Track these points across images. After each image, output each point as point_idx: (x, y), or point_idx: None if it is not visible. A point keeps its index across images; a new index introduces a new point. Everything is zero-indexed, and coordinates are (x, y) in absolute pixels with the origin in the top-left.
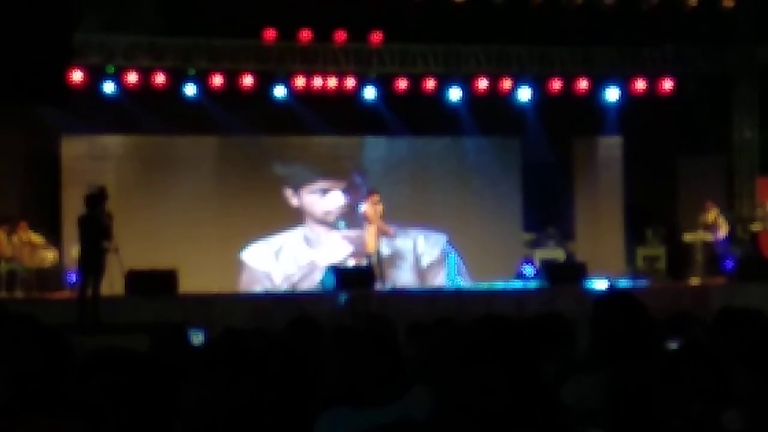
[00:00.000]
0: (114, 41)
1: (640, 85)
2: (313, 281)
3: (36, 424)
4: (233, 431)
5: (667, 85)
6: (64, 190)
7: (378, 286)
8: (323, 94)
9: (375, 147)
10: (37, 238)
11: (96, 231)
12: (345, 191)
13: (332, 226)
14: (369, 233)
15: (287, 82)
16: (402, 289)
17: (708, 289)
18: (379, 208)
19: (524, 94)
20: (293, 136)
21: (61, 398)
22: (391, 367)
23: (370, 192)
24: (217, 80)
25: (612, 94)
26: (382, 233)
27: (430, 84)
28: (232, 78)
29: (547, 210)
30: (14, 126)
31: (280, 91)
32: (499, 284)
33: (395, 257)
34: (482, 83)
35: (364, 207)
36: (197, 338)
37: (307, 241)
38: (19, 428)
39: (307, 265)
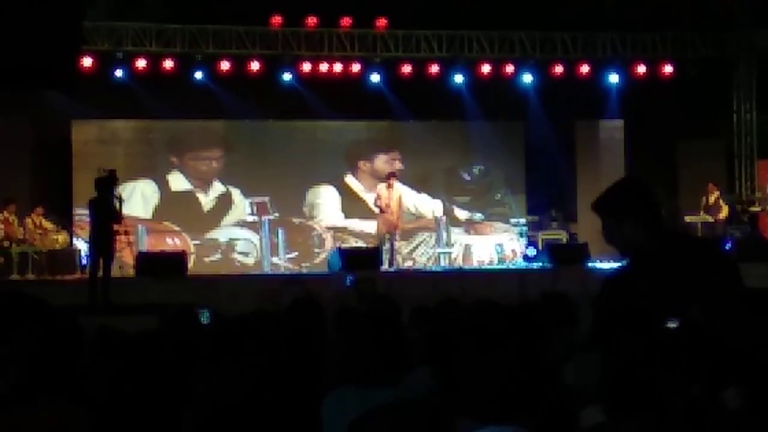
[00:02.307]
0: (123, 28)
1: (641, 69)
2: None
3: (47, 408)
4: (242, 412)
5: (668, 69)
6: (75, 173)
7: (384, 268)
8: (329, 79)
9: (380, 131)
10: (48, 224)
11: (106, 214)
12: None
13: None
14: (381, 215)
15: (294, 67)
16: (407, 270)
17: None
18: (396, 192)
19: (527, 78)
20: (300, 120)
21: (73, 379)
22: (396, 348)
23: (389, 175)
24: (225, 65)
25: (613, 78)
26: (391, 222)
27: (434, 69)
28: (239, 63)
29: (549, 192)
30: (25, 111)
31: (286, 76)
32: (503, 265)
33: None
34: (485, 68)
35: (379, 188)
36: (204, 318)
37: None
38: (29, 413)
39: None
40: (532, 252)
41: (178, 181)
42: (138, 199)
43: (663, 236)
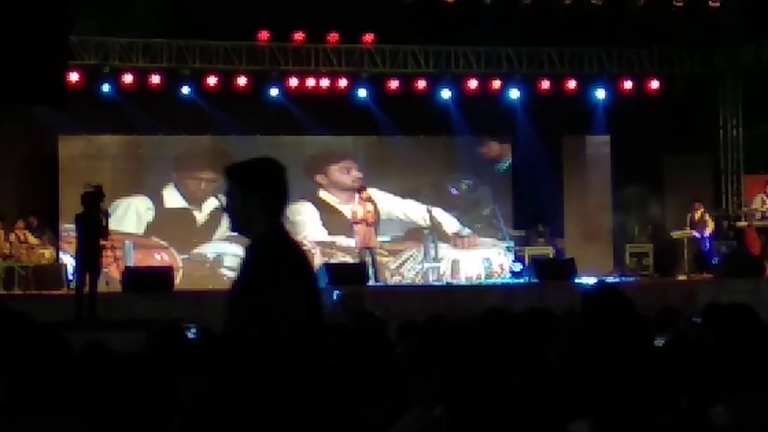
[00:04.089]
0: (110, 43)
1: (628, 84)
2: None
3: (34, 421)
4: (230, 425)
5: (654, 85)
6: (62, 188)
7: (371, 283)
8: (316, 95)
9: (367, 146)
10: (32, 238)
11: (93, 229)
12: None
13: None
14: (357, 231)
15: (281, 82)
16: (394, 285)
17: (695, 285)
18: (369, 206)
19: (514, 93)
20: (287, 135)
21: (59, 394)
22: (383, 363)
23: (360, 189)
24: (212, 81)
25: (600, 94)
26: (368, 237)
27: (421, 84)
28: (226, 78)
29: (536, 207)
30: (12, 126)
31: (273, 92)
32: (490, 280)
33: None
34: (472, 83)
35: (353, 205)
36: (190, 334)
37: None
38: (18, 426)
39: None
40: (518, 267)
41: (172, 197)
42: (132, 215)
43: (275, 230)
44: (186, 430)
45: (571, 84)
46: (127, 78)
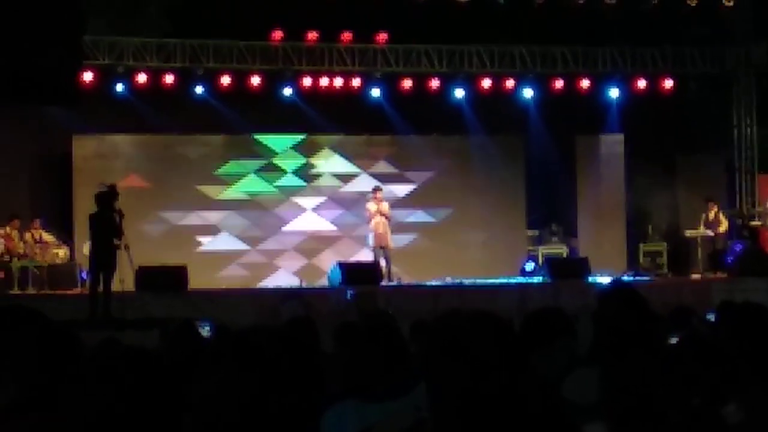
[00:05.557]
0: (124, 42)
1: (641, 84)
2: None
3: (43, 420)
4: (241, 425)
5: (668, 84)
6: (76, 188)
7: (384, 282)
8: (329, 94)
9: (381, 145)
10: (48, 236)
11: (107, 228)
12: None
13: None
14: (371, 230)
15: (294, 81)
16: (407, 284)
17: (709, 284)
18: (384, 205)
19: (527, 92)
20: (300, 135)
21: (70, 394)
22: (398, 362)
23: (375, 189)
24: (225, 80)
25: (613, 93)
26: (382, 236)
27: (435, 83)
28: (239, 78)
29: (550, 207)
30: (26, 126)
31: (287, 91)
32: (503, 280)
33: None
34: (486, 82)
35: (368, 204)
36: (204, 332)
37: None
38: (27, 424)
39: None
40: (530, 267)
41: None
42: None
43: None
44: (198, 430)
45: (585, 83)
46: (141, 78)
